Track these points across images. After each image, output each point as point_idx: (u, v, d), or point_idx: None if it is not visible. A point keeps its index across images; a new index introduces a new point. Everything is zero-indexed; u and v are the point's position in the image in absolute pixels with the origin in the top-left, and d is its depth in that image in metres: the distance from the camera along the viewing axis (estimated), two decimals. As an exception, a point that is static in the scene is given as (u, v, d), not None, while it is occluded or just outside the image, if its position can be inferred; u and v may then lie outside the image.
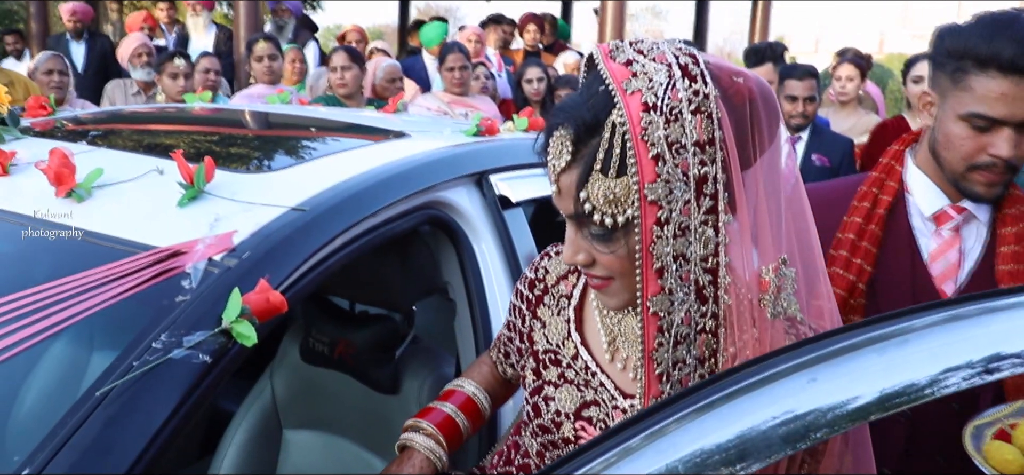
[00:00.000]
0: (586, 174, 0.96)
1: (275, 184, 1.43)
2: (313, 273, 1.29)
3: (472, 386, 1.41)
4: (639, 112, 0.92)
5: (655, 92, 0.93)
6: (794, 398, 0.85)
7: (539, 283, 1.25)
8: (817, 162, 3.52)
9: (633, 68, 0.94)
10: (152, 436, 0.97)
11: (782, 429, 0.84)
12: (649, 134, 0.92)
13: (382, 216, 1.45)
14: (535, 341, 1.22)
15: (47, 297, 1.15)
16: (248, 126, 2.16)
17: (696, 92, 0.93)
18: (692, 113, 0.93)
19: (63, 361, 1.10)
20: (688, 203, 0.93)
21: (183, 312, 1.09)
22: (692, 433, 0.83)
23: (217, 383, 1.08)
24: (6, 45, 7.40)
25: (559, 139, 0.98)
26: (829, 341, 0.87)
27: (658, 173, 0.92)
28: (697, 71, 0.95)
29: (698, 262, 0.96)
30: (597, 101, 0.96)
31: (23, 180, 1.53)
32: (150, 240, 1.24)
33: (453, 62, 4.28)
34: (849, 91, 4.44)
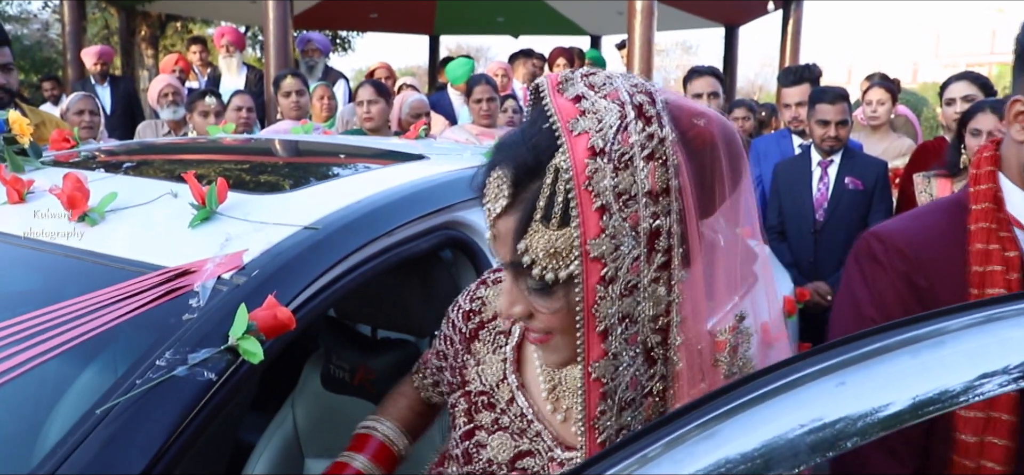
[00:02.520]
0: (525, 222, 0.85)
1: (288, 204, 1.41)
2: (326, 292, 1.26)
3: (387, 427, 1.30)
4: (585, 157, 0.81)
5: (604, 135, 0.81)
6: (822, 404, 0.80)
7: (475, 316, 1.12)
8: (850, 185, 3.44)
9: (582, 105, 0.83)
10: (154, 455, 0.94)
11: (810, 438, 0.79)
12: (595, 183, 0.81)
13: (398, 236, 1.42)
14: (468, 380, 1.10)
15: (55, 318, 1.13)
16: (267, 153, 2.16)
17: (651, 136, 0.82)
18: (645, 159, 0.82)
19: (69, 381, 1.08)
20: (637, 259, 0.83)
21: (189, 329, 1.06)
22: (715, 441, 0.78)
23: (225, 403, 1.05)
24: (44, 91, 7.61)
25: (497, 180, 0.87)
26: (859, 343, 0.81)
27: (603, 227, 0.82)
28: (653, 112, 0.84)
29: (647, 323, 0.86)
30: (540, 140, 0.84)
31: (39, 206, 1.53)
32: (160, 261, 1.23)
33: (480, 94, 4.28)
34: (880, 115, 4.36)
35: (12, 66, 3.00)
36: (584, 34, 11.89)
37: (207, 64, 6.88)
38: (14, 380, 1.03)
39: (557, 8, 10.64)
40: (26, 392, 1.05)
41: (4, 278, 1.37)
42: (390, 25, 12.45)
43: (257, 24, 10.80)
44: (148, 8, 9.40)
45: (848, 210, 3.45)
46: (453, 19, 11.63)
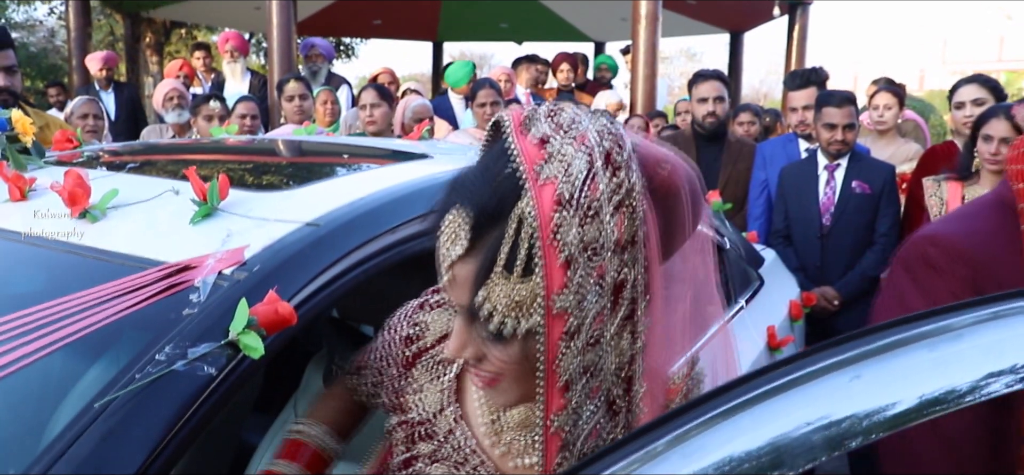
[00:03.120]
0: (486, 270, 0.80)
1: (290, 201, 1.39)
2: (328, 289, 1.24)
3: (318, 431, 1.27)
4: (551, 207, 0.77)
5: (572, 184, 0.77)
6: (832, 400, 0.78)
7: (414, 342, 1.08)
8: (858, 189, 3.42)
9: (548, 149, 0.79)
10: (152, 449, 0.92)
11: (817, 436, 0.77)
12: (561, 235, 0.77)
13: (401, 233, 1.41)
14: (407, 407, 1.06)
15: (54, 313, 1.12)
16: (270, 153, 2.15)
17: (619, 185, 0.79)
18: (613, 210, 0.79)
19: (68, 376, 1.06)
20: (602, 312, 0.80)
21: (189, 324, 1.05)
22: (721, 437, 0.76)
23: (226, 399, 1.04)
24: (49, 97, 7.62)
25: (454, 223, 0.82)
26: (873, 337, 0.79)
27: (568, 280, 0.78)
28: (621, 159, 0.80)
29: (610, 374, 0.83)
30: (503, 184, 0.80)
31: (40, 204, 1.52)
32: (161, 256, 1.21)
33: (484, 98, 4.27)
34: (887, 119, 4.33)
35: (16, 68, 3.00)
36: (588, 40, 11.89)
37: (211, 70, 6.88)
38: (14, 375, 1.01)
39: (561, 14, 10.64)
40: (25, 387, 1.04)
41: (5, 275, 1.36)
42: (394, 31, 12.47)
43: (261, 31, 10.82)
44: (153, 15, 9.43)
45: (855, 214, 3.43)
46: (457, 25, 11.64)
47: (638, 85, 6.23)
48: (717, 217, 2.70)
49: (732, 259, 2.64)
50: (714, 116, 3.95)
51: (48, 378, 1.05)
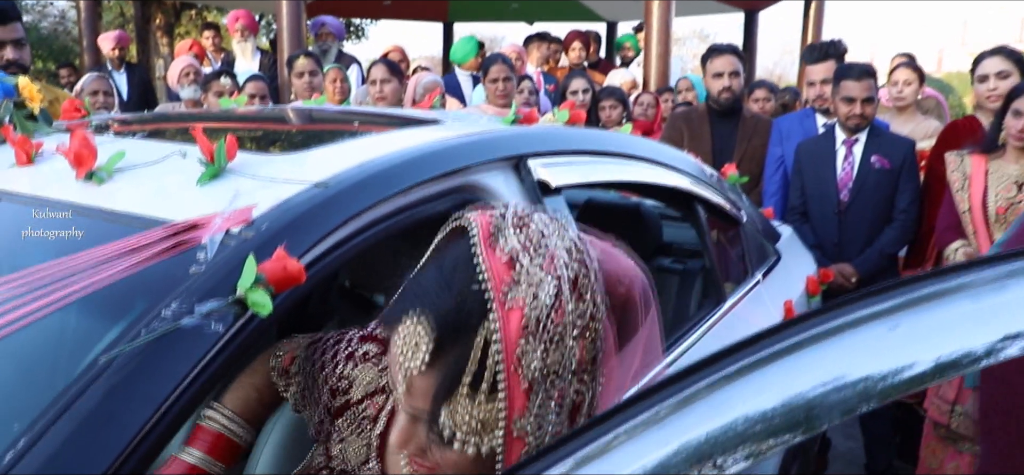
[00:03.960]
0: (447, 388, 0.79)
1: (299, 163, 1.36)
2: (337, 251, 1.21)
3: (230, 420, 1.25)
4: (517, 334, 0.76)
5: (538, 312, 0.77)
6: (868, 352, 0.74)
7: (341, 394, 1.08)
8: (876, 164, 3.35)
9: (516, 272, 0.78)
10: (157, 406, 0.89)
11: (852, 388, 0.73)
12: (525, 362, 0.77)
13: (411, 196, 1.37)
14: (332, 454, 1.06)
15: (59, 271, 1.09)
16: (279, 120, 2.11)
17: (583, 312, 0.80)
18: (576, 336, 0.79)
19: (73, 334, 1.04)
20: (559, 429, 0.81)
21: (196, 282, 1.02)
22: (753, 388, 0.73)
23: (234, 359, 1.01)
24: (61, 78, 7.62)
25: (415, 332, 0.80)
26: (912, 287, 0.75)
27: (529, 405, 0.78)
28: (588, 283, 0.81)
29: None
30: (468, 300, 0.79)
31: (46, 167, 1.49)
32: (167, 216, 1.18)
33: (497, 73, 4.21)
34: (906, 96, 4.26)
35: (24, 41, 2.98)
36: (600, 20, 11.78)
37: (221, 50, 6.86)
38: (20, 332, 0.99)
39: (573, -6, 10.56)
40: (31, 345, 1.01)
41: (11, 236, 1.34)
42: (404, 12, 12.39)
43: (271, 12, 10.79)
44: (164, -4, 9.43)
45: (874, 190, 3.37)
46: (467, 6, 11.55)
47: (651, 63, 6.16)
48: (734, 190, 2.66)
49: (749, 233, 2.59)
50: (729, 91, 3.89)
51: (53, 336, 1.03)
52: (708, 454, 0.73)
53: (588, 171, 1.80)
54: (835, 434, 3.96)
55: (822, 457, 3.70)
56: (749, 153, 3.86)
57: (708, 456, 0.73)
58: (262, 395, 1.29)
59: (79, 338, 1.03)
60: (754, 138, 3.92)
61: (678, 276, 2.62)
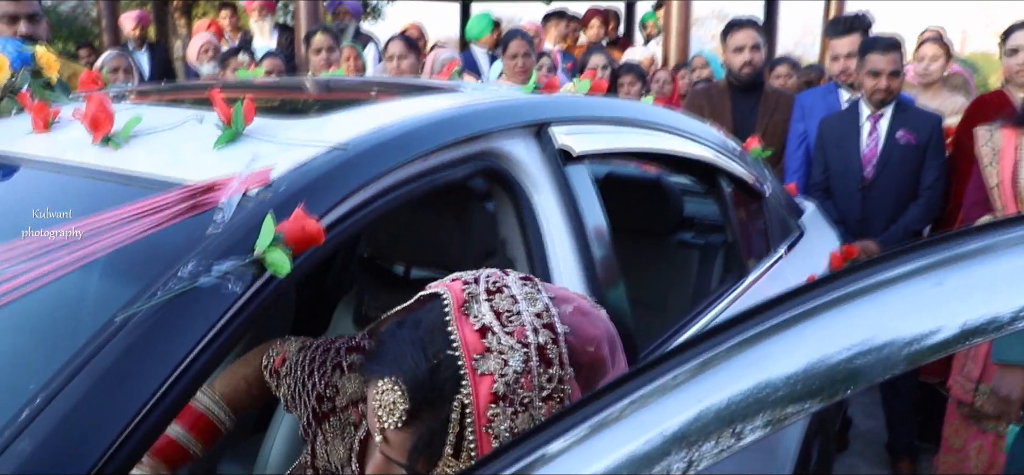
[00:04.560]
0: (422, 446, 0.86)
1: (317, 126, 1.34)
2: (356, 215, 1.19)
3: (215, 403, 1.30)
4: (487, 401, 0.83)
5: (507, 381, 0.83)
6: (912, 309, 0.71)
7: (328, 401, 1.15)
8: (902, 139, 3.29)
9: (487, 341, 0.84)
10: (174, 366, 0.88)
11: (896, 347, 0.70)
12: (494, 426, 0.83)
13: (431, 162, 1.35)
14: (317, 455, 1.14)
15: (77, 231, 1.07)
16: (297, 89, 2.10)
17: (550, 378, 0.86)
18: (543, 400, 0.85)
19: (88, 295, 1.02)
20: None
21: (213, 241, 1.00)
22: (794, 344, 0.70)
23: (251, 320, 0.99)
24: (80, 59, 7.64)
25: (391, 395, 0.86)
26: (957, 242, 0.72)
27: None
28: (555, 352, 0.86)
29: None
30: (442, 369, 0.85)
31: (63, 134, 1.48)
32: (184, 179, 1.17)
33: (516, 49, 4.15)
34: (933, 71, 4.18)
35: (40, 16, 2.97)
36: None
37: (238, 29, 6.85)
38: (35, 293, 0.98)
39: (591, -27, 10.44)
40: (47, 305, 1.00)
41: (29, 200, 1.33)
42: (422, -7, 12.31)
43: (289, -8, 10.76)
44: (182, -24, 9.42)
45: (899, 166, 3.31)
46: (485, -15, 11.46)
47: (671, 40, 6.09)
48: (757, 164, 2.62)
49: (772, 207, 2.55)
50: (750, 65, 3.83)
51: (69, 297, 1.01)
52: (728, 420, 0.71)
53: (611, 139, 1.77)
54: (856, 413, 3.92)
55: (842, 435, 3.66)
56: (771, 129, 3.80)
57: (728, 422, 0.71)
58: (251, 387, 1.34)
59: (95, 299, 1.01)
60: (776, 114, 3.86)
61: (699, 251, 2.59)
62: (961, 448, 3.05)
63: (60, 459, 0.78)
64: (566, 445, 0.73)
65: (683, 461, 0.71)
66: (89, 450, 0.80)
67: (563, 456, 0.73)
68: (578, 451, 0.73)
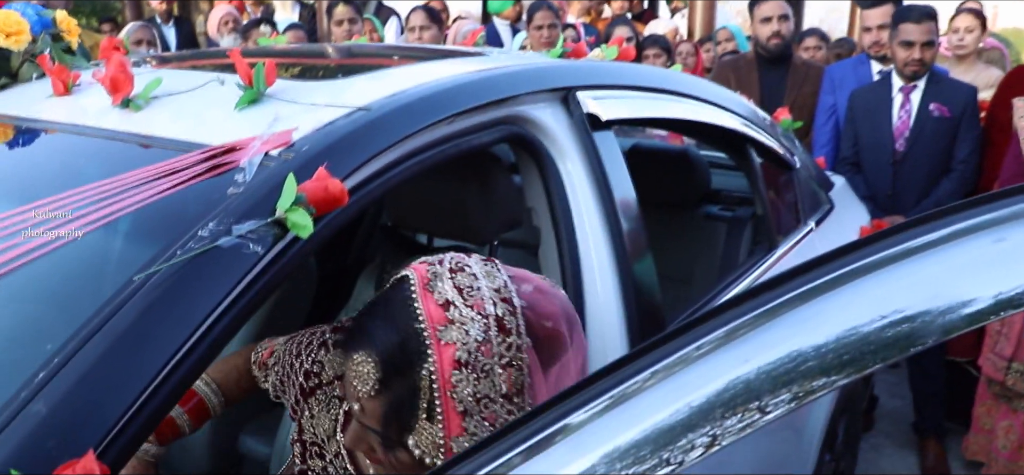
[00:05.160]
0: (393, 412, 0.95)
1: (341, 89, 1.31)
2: (379, 179, 1.16)
3: (209, 386, 1.39)
4: (451, 368, 0.91)
5: (468, 349, 0.91)
6: (971, 267, 0.67)
7: (314, 377, 1.22)
8: (935, 112, 3.21)
9: (450, 314, 0.93)
10: (195, 327, 0.85)
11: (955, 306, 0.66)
12: (458, 392, 0.91)
13: (456, 125, 1.31)
14: (304, 427, 1.23)
15: (94, 194, 1.05)
16: (320, 55, 2.06)
17: (509, 346, 0.93)
18: (503, 368, 0.93)
19: (107, 256, 1.00)
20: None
21: (234, 202, 0.97)
22: (845, 301, 0.67)
23: (273, 284, 0.97)
24: (103, 32, 7.66)
25: (363, 365, 0.95)
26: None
27: (465, 427, 0.92)
28: (512, 323, 0.94)
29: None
30: (409, 341, 0.93)
31: (83, 98, 1.46)
32: (205, 140, 1.14)
33: (542, 20, 4.08)
34: (967, 43, 4.06)
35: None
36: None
37: (260, 3, 6.83)
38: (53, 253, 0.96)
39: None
40: (65, 266, 0.97)
41: (48, 163, 1.31)
42: (444, -33, 12.23)
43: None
44: (204, -50, 9.40)
45: (932, 139, 3.23)
46: (508, -40, 11.35)
47: (696, 13, 6.00)
48: (786, 136, 2.56)
49: (802, 179, 2.50)
50: (779, 37, 3.74)
51: (88, 258, 0.99)
52: (755, 393, 0.68)
53: (640, 106, 1.72)
54: (882, 392, 3.86)
55: (868, 415, 3.61)
56: (799, 101, 3.72)
57: (755, 396, 0.68)
58: (240, 376, 1.41)
59: (113, 261, 0.99)
60: (804, 86, 3.78)
61: (726, 224, 2.54)
62: (990, 428, 3.00)
63: (76, 421, 0.76)
64: (588, 416, 0.72)
65: (706, 436, 0.69)
66: (106, 413, 0.78)
67: (586, 427, 0.71)
68: (601, 422, 0.71)
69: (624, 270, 1.53)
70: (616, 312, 1.51)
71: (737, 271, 2.12)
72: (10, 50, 1.72)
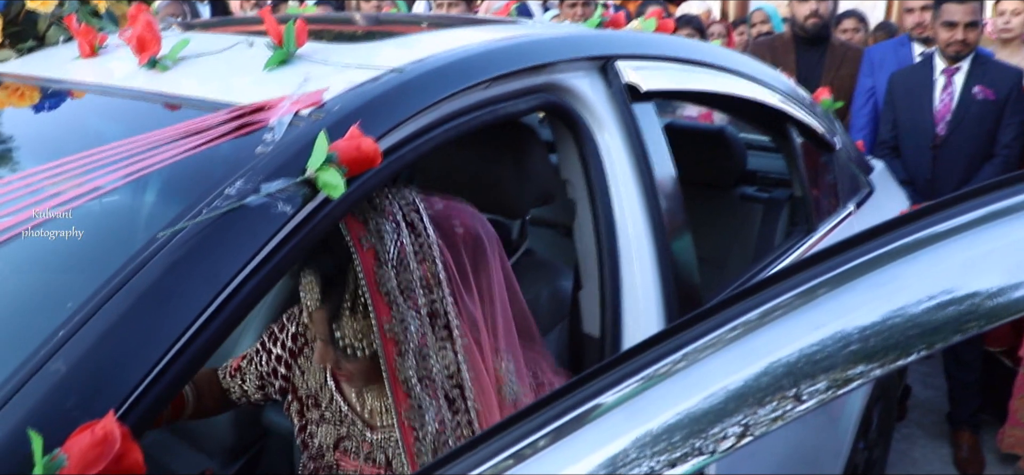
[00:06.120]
0: (336, 312, 1.14)
1: (373, 51, 1.26)
2: (413, 143, 1.11)
3: None
4: (373, 266, 1.07)
5: (386, 248, 1.08)
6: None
7: (300, 337, 1.38)
8: (979, 95, 3.10)
9: (367, 224, 1.08)
10: (220, 288, 0.81)
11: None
12: (382, 284, 1.07)
13: (491, 91, 1.26)
14: (297, 386, 1.37)
15: (120, 152, 1.02)
16: (350, 22, 2.02)
17: (420, 245, 1.10)
18: (418, 262, 1.10)
19: (132, 214, 0.97)
20: (424, 334, 1.10)
21: (262, 160, 0.93)
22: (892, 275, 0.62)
23: (302, 247, 0.93)
24: (133, 3, 7.67)
25: (310, 283, 1.14)
26: None
27: (393, 314, 1.08)
28: (421, 225, 1.11)
29: (444, 379, 1.12)
30: (339, 254, 1.10)
31: (110, 59, 1.43)
32: (233, 101, 1.10)
33: (575, -7, 4.00)
34: (1014, 26, 3.92)
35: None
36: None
37: (289, -22, 6.79)
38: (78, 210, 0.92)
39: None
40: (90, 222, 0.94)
41: (74, 123, 1.28)
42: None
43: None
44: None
45: (975, 123, 3.13)
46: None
47: (730, -6, 5.88)
48: (826, 117, 2.48)
49: (842, 161, 2.42)
50: (817, 16, 3.64)
51: (112, 216, 0.96)
52: (792, 379, 0.64)
53: (680, 78, 1.66)
54: (914, 382, 3.78)
55: (901, 404, 3.53)
56: (836, 84, 3.62)
57: (792, 382, 0.64)
58: (211, 384, 1.49)
59: (138, 219, 0.96)
60: (843, 67, 3.68)
61: (763, 205, 2.47)
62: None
63: (97, 381, 0.72)
64: (620, 397, 0.69)
65: (739, 425, 0.65)
66: (128, 373, 0.74)
67: (618, 409, 0.69)
68: (632, 405, 0.69)
69: (662, 248, 1.47)
70: (653, 291, 1.45)
71: (773, 254, 2.06)
72: (37, 13, 1.70)
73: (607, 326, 1.43)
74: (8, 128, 1.33)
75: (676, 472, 0.65)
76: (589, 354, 1.47)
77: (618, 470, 0.66)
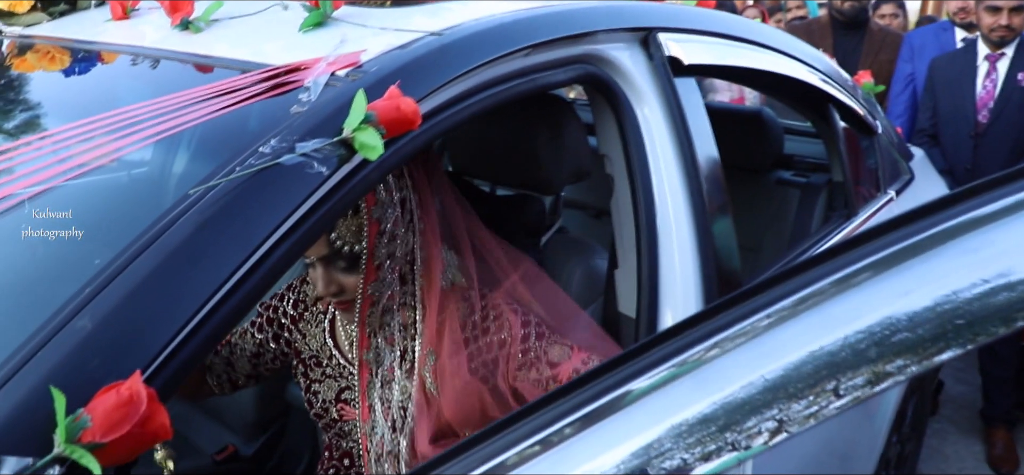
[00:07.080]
0: (349, 265, 1.23)
1: (410, 15, 1.23)
2: (451, 109, 1.07)
3: None
4: (375, 236, 1.20)
5: (388, 223, 1.21)
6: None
7: (301, 303, 1.47)
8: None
9: (379, 200, 1.19)
10: (253, 248, 0.78)
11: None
12: (378, 253, 1.21)
13: (531, 59, 1.22)
14: (300, 350, 1.46)
15: (152, 110, 0.99)
16: None
17: (409, 221, 1.25)
18: (403, 233, 1.24)
19: (162, 171, 0.94)
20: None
21: (297, 119, 0.90)
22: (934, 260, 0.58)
23: (338, 210, 0.89)
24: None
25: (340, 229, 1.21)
26: None
27: (378, 277, 1.23)
28: (411, 205, 1.25)
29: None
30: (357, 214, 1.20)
31: (142, 22, 1.41)
32: (267, 62, 1.07)
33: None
34: (1058, 13, 3.82)
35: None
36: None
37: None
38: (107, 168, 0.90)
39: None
40: (121, 180, 0.91)
41: (105, 85, 1.26)
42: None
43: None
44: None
45: (1018, 111, 3.04)
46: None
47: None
48: (868, 100, 2.41)
49: (883, 145, 2.35)
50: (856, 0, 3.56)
51: (140, 171, 0.93)
52: (830, 371, 0.61)
53: (723, 53, 1.61)
54: (947, 377, 3.70)
55: (934, 399, 3.46)
56: (875, 69, 3.52)
57: (830, 374, 0.61)
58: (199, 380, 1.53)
59: (169, 175, 0.93)
60: (881, 53, 3.59)
61: (800, 190, 2.41)
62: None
63: (123, 340, 0.70)
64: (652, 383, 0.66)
65: (774, 420, 0.62)
66: (157, 333, 0.71)
67: (649, 396, 0.66)
68: (665, 392, 0.66)
69: (702, 228, 1.43)
70: (693, 272, 1.41)
71: (810, 239, 2.00)
72: (69, -24, 1.68)
73: (643, 307, 1.39)
74: (41, 91, 1.31)
75: (709, 468, 0.62)
76: (624, 334, 1.43)
77: (652, 460, 0.62)
